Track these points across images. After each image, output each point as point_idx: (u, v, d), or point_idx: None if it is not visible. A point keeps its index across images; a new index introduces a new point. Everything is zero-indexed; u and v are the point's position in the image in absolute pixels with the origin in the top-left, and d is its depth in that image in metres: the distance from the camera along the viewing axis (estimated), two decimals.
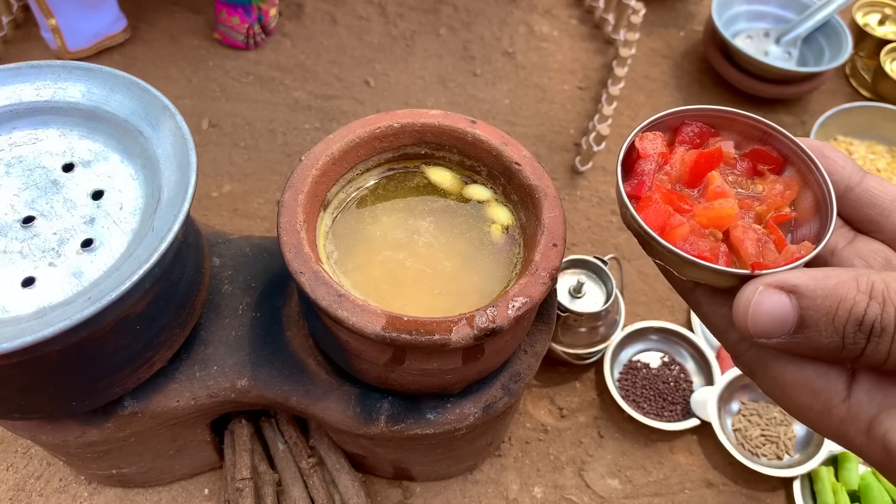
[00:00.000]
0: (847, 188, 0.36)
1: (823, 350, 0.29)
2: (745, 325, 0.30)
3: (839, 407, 0.30)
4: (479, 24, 1.19)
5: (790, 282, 0.29)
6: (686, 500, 0.74)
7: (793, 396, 0.32)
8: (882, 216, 0.35)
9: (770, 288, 0.30)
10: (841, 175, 0.36)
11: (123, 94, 0.51)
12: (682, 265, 0.34)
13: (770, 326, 0.29)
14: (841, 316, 0.28)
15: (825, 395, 0.30)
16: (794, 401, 0.32)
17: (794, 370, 0.31)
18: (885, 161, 0.98)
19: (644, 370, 0.79)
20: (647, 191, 0.37)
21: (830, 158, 0.37)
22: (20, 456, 0.71)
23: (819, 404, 0.31)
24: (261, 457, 0.67)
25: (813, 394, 0.31)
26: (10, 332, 0.39)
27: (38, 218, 0.47)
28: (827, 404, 0.30)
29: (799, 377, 0.31)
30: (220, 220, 0.91)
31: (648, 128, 0.39)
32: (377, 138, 0.54)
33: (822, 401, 0.31)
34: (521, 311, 0.45)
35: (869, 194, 0.36)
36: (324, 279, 0.45)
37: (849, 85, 1.16)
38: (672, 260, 0.35)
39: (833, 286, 0.29)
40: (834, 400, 0.30)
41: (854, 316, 0.28)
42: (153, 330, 0.50)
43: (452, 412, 0.55)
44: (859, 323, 0.28)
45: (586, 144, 0.98)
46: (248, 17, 1.07)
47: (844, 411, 0.30)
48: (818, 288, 0.29)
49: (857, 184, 0.36)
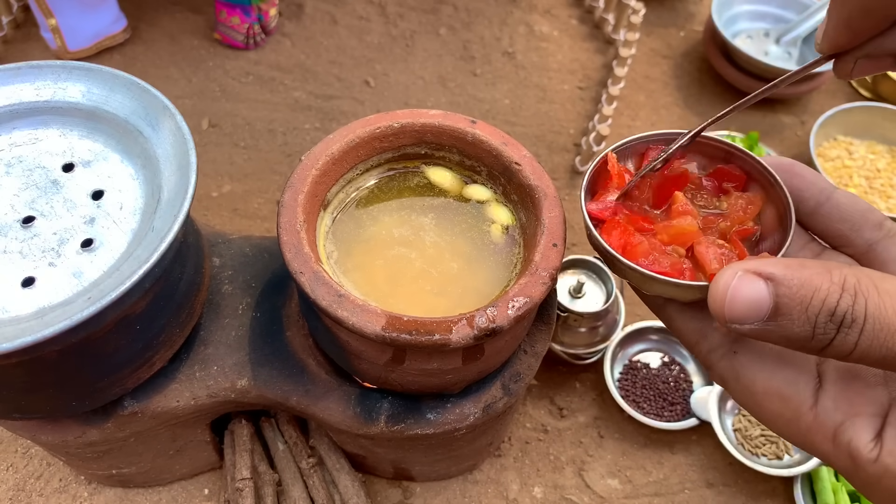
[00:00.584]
0: (818, 203, 0.37)
1: (794, 339, 0.29)
2: (722, 311, 0.30)
3: (807, 414, 0.31)
4: (479, 24, 1.19)
5: (767, 269, 0.29)
6: (686, 500, 0.74)
7: (764, 404, 0.32)
8: (852, 231, 0.36)
9: (748, 273, 0.30)
10: (811, 192, 0.37)
11: (123, 94, 0.51)
12: (645, 281, 0.36)
13: (746, 312, 0.29)
14: (815, 306, 0.28)
15: (794, 403, 0.31)
16: (766, 409, 0.32)
17: (765, 378, 0.32)
18: (885, 161, 0.98)
19: (644, 370, 0.79)
20: (609, 214, 0.39)
21: (800, 175, 0.37)
22: (20, 456, 0.71)
23: (789, 412, 0.31)
24: (261, 457, 0.67)
25: (782, 401, 0.32)
26: (10, 332, 0.39)
27: (38, 218, 0.47)
28: (796, 412, 0.31)
29: (769, 385, 0.32)
30: (220, 220, 0.91)
31: (614, 152, 0.40)
32: (377, 138, 0.54)
33: (792, 408, 0.31)
34: (521, 311, 0.45)
35: (839, 210, 0.36)
36: (324, 279, 0.45)
37: (848, 85, 1.16)
38: (635, 277, 0.36)
39: (808, 276, 0.29)
40: (802, 408, 0.31)
41: (827, 306, 0.28)
42: (153, 330, 0.50)
43: (452, 412, 0.55)
44: (831, 313, 0.28)
45: (586, 144, 0.98)
46: (248, 17, 1.07)
47: (812, 419, 0.31)
48: (794, 276, 0.29)
49: (828, 199, 0.37)
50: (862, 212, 0.36)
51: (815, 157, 0.94)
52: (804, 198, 0.37)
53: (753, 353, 0.33)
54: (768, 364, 0.32)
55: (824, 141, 1.00)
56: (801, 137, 1.08)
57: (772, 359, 0.33)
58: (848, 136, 1.02)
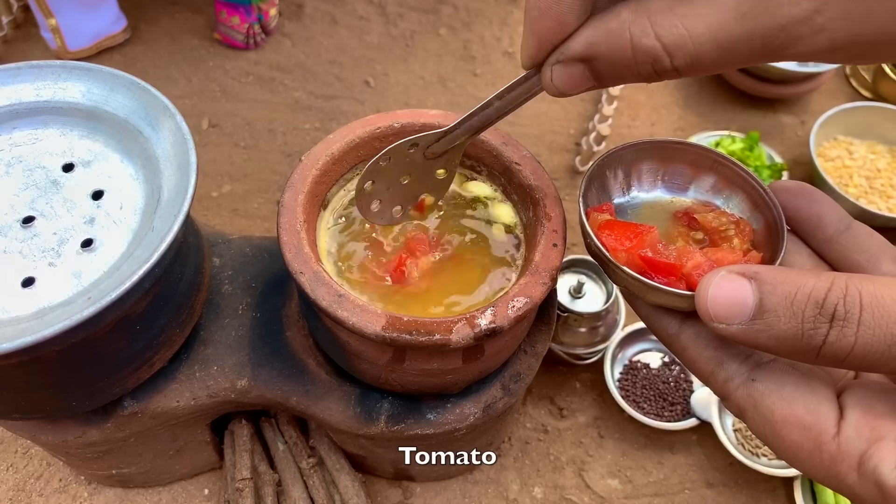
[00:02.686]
0: (837, 231, 0.37)
1: (783, 338, 0.28)
2: (706, 309, 0.30)
3: (830, 444, 0.30)
4: (479, 24, 1.19)
5: (751, 269, 0.30)
6: (686, 500, 0.74)
7: (783, 434, 0.31)
8: (869, 262, 0.35)
9: (731, 273, 0.30)
10: (831, 219, 0.37)
11: (123, 94, 0.51)
12: (647, 291, 0.36)
13: (729, 310, 0.29)
14: (800, 299, 0.28)
15: (815, 432, 0.30)
16: (785, 439, 0.31)
17: (784, 407, 0.31)
18: (885, 161, 0.98)
19: (644, 370, 0.79)
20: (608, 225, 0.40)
21: (820, 202, 0.37)
22: (20, 456, 0.71)
23: (810, 442, 0.30)
24: (261, 457, 0.67)
25: (803, 431, 0.30)
26: (10, 332, 0.39)
27: (38, 218, 0.47)
28: (817, 441, 0.30)
29: (789, 413, 0.31)
30: (220, 220, 0.91)
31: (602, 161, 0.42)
32: (377, 138, 0.54)
33: (813, 438, 0.30)
34: (521, 312, 0.45)
35: (857, 240, 0.36)
36: (324, 279, 0.45)
37: (849, 85, 1.16)
38: (636, 286, 0.36)
39: (794, 275, 0.29)
40: (824, 437, 0.30)
41: (814, 299, 0.28)
42: (153, 330, 0.50)
43: (452, 412, 0.55)
44: (819, 305, 0.27)
45: (586, 144, 0.98)
46: (248, 17, 1.07)
47: (835, 448, 0.29)
48: (778, 275, 0.29)
49: (847, 228, 0.36)
50: (879, 244, 0.35)
51: (815, 157, 0.94)
52: (823, 224, 0.37)
53: (772, 381, 0.32)
54: (787, 392, 0.31)
55: (824, 141, 1.00)
56: (802, 137, 1.08)
57: (791, 386, 0.31)
58: (848, 136, 1.02)
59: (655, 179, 0.44)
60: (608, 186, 0.43)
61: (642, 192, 0.44)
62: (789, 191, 0.38)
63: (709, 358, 0.34)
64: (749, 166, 0.95)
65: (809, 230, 0.38)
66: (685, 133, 1.06)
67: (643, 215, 0.43)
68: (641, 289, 0.36)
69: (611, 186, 0.43)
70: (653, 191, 0.44)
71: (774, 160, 1.00)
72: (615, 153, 0.42)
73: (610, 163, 0.42)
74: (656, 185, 0.44)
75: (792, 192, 0.38)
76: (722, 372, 0.34)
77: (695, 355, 0.35)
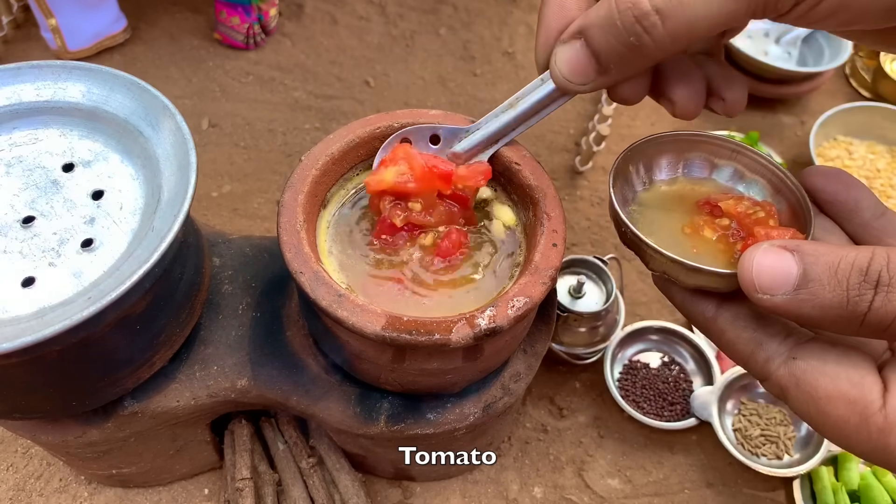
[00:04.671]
0: (873, 216, 0.37)
1: (827, 307, 0.28)
2: (751, 279, 0.30)
3: (876, 416, 0.29)
4: (479, 24, 1.19)
5: (793, 243, 0.30)
6: (686, 500, 0.74)
7: (828, 411, 0.31)
8: None
9: (773, 247, 0.30)
10: (867, 204, 0.37)
11: (123, 94, 0.51)
12: (687, 274, 0.36)
13: (774, 280, 0.29)
14: (844, 268, 0.28)
15: (861, 405, 0.30)
16: (831, 415, 0.31)
17: (828, 382, 0.31)
18: (885, 161, 0.98)
19: (644, 370, 0.79)
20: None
21: (857, 187, 0.38)
22: (20, 456, 0.71)
23: (856, 416, 0.30)
24: (261, 457, 0.67)
25: (849, 405, 0.30)
26: (10, 332, 0.39)
27: (38, 218, 0.47)
28: (864, 414, 0.30)
29: (833, 388, 0.30)
30: (220, 220, 0.91)
31: (626, 154, 0.43)
32: (377, 138, 0.54)
33: (859, 411, 0.30)
34: (521, 311, 0.45)
35: (893, 225, 0.37)
36: (324, 279, 0.45)
37: (849, 85, 1.16)
38: (675, 269, 0.36)
39: (835, 247, 0.29)
40: (871, 409, 0.29)
41: (857, 266, 0.28)
42: (153, 330, 0.50)
43: (452, 412, 0.55)
44: (864, 273, 0.27)
45: (586, 144, 0.98)
46: (248, 17, 1.07)
47: (882, 420, 0.29)
48: (820, 247, 0.29)
49: (882, 214, 0.37)
50: None
51: (815, 157, 0.94)
52: (861, 208, 0.37)
53: (814, 357, 0.32)
54: (830, 368, 0.31)
55: (824, 141, 1.00)
56: (801, 137, 1.08)
57: (833, 362, 0.31)
58: (848, 136, 1.02)
59: (676, 171, 0.45)
60: (631, 180, 0.44)
61: (664, 184, 0.45)
62: (827, 175, 0.39)
63: (748, 339, 0.34)
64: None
65: (845, 214, 0.38)
66: None
67: (666, 206, 0.44)
68: (680, 271, 0.36)
69: (634, 180, 0.45)
70: (674, 183, 0.45)
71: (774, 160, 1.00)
72: (637, 147, 0.43)
73: (633, 157, 0.43)
74: (677, 177, 0.45)
75: (830, 176, 0.39)
76: (762, 352, 0.33)
77: (733, 337, 0.35)
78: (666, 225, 0.42)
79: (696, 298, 0.37)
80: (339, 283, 0.46)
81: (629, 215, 0.41)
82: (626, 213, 0.40)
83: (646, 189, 0.45)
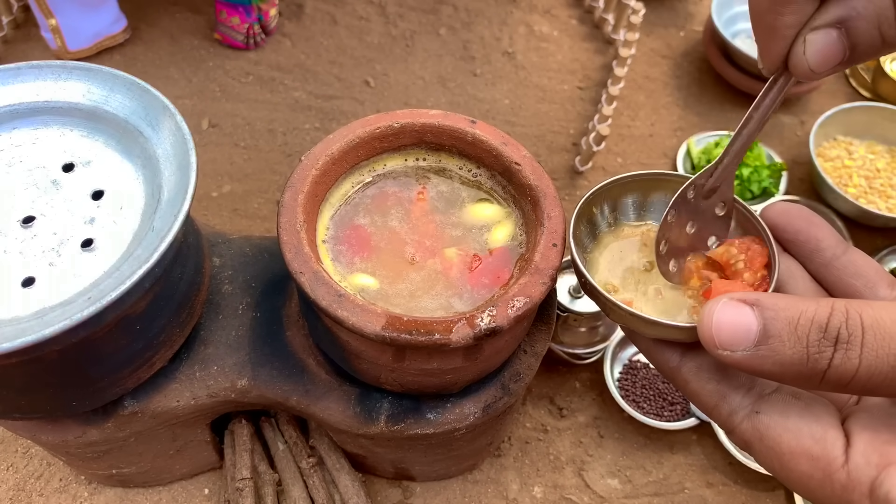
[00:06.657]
0: (834, 256, 0.37)
1: (788, 363, 0.28)
2: (711, 336, 0.30)
3: (839, 473, 0.29)
4: (479, 24, 1.19)
5: (752, 296, 0.30)
6: (686, 500, 0.74)
7: (792, 466, 0.31)
8: (866, 287, 0.36)
9: (733, 300, 0.30)
10: (829, 243, 0.37)
11: (123, 94, 0.51)
12: (645, 325, 0.36)
13: (734, 336, 0.29)
14: (803, 324, 0.28)
15: (824, 462, 0.30)
16: (794, 471, 0.31)
17: (791, 438, 0.31)
18: (885, 161, 0.98)
19: (644, 370, 0.79)
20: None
21: (819, 226, 0.38)
22: (20, 456, 0.71)
23: (819, 472, 0.30)
24: (261, 457, 0.67)
25: (811, 461, 0.30)
26: (10, 332, 0.39)
27: (38, 218, 0.47)
28: (827, 471, 0.30)
29: (796, 445, 0.30)
30: (220, 220, 0.91)
31: (591, 198, 0.43)
32: (377, 138, 0.54)
33: (822, 468, 0.30)
34: (521, 312, 0.45)
35: (854, 265, 0.36)
36: (324, 279, 0.45)
37: (849, 85, 1.16)
38: (633, 321, 0.37)
39: (794, 301, 0.29)
40: (833, 466, 0.29)
41: (818, 322, 0.28)
42: (153, 330, 0.50)
43: (452, 412, 0.55)
44: (823, 329, 0.27)
45: (586, 144, 0.98)
46: (248, 17, 1.07)
47: (845, 477, 0.29)
48: (780, 300, 0.29)
49: (843, 253, 0.37)
50: (876, 270, 0.36)
51: (814, 157, 0.94)
52: (822, 248, 0.37)
53: (777, 412, 0.32)
54: (793, 422, 0.31)
55: (824, 141, 1.00)
56: (801, 137, 1.08)
57: (796, 416, 0.31)
58: (848, 136, 1.02)
59: (641, 211, 0.45)
60: (596, 222, 0.44)
61: (630, 225, 0.45)
62: (788, 213, 0.38)
63: (711, 391, 0.34)
64: (749, 166, 0.95)
65: (807, 253, 0.38)
66: (685, 133, 1.06)
67: (632, 249, 0.44)
68: (639, 324, 0.36)
69: (598, 221, 0.44)
70: (641, 224, 0.45)
71: (774, 160, 1.00)
72: (600, 190, 0.43)
73: (596, 199, 0.43)
74: (643, 218, 0.45)
75: (791, 214, 0.38)
76: (725, 405, 0.33)
77: (697, 388, 0.35)
78: (631, 268, 0.42)
79: (661, 347, 0.36)
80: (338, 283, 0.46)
81: (593, 260, 0.42)
82: (586, 260, 0.40)
83: (610, 230, 0.44)
